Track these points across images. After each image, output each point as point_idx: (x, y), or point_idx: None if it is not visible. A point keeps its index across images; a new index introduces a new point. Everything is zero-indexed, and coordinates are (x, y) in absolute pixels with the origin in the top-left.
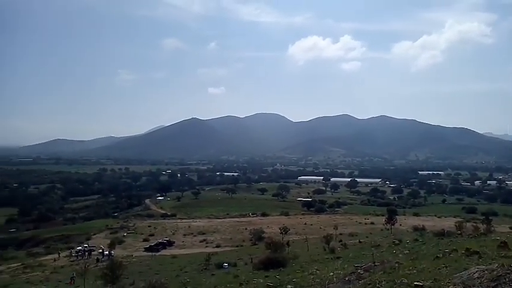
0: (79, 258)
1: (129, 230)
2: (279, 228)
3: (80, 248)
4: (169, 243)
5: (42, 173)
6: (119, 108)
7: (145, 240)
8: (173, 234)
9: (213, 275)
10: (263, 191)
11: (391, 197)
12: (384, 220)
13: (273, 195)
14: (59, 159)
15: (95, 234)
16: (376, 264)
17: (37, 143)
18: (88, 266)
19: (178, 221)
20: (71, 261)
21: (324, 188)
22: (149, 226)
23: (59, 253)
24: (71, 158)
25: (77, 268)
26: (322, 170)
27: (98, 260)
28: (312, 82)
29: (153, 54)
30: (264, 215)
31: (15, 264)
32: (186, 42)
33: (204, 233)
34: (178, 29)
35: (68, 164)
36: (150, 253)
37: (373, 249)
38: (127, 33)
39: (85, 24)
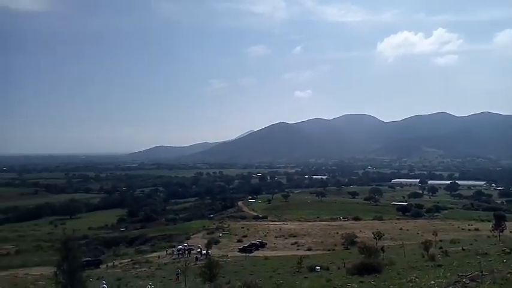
0: (180, 256)
1: (223, 231)
2: (372, 233)
3: (181, 246)
4: (262, 245)
5: (146, 177)
6: (211, 115)
7: (239, 241)
8: (265, 236)
9: (305, 278)
10: (354, 194)
11: (498, 201)
12: (490, 226)
13: (364, 199)
14: (160, 165)
15: (193, 234)
16: (484, 273)
17: (142, 150)
18: (188, 264)
19: (270, 223)
20: (173, 259)
21: (420, 192)
22: (242, 227)
23: (166, 251)
24: (170, 163)
25: (178, 265)
26: (418, 172)
27: (196, 258)
28: (404, 79)
29: (241, 63)
30: (355, 219)
31: (126, 260)
32: (271, 48)
33: (295, 236)
34: (263, 37)
35: (168, 169)
36: (244, 254)
37: (479, 257)
38: (216, 44)
39: (182, 40)
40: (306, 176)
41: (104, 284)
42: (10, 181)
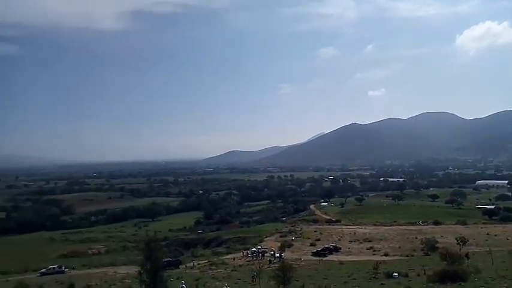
0: (254, 258)
1: (296, 234)
2: (455, 238)
3: (255, 249)
4: (336, 249)
5: (221, 181)
6: (282, 119)
7: (312, 244)
8: (339, 240)
9: (382, 284)
10: (434, 197)
11: None
12: None
13: (446, 202)
14: (234, 169)
15: (266, 237)
16: None
17: (216, 155)
18: (262, 266)
19: (343, 227)
20: (247, 261)
21: (509, 194)
22: (315, 231)
23: (242, 252)
24: (243, 167)
25: (252, 268)
26: (506, 172)
27: (270, 261)
28: (488, 73)
29: (311, 65)
30: (436, 223)
31: (203, 262)
32: (341, 49)
33: (370, 240)
34: (334, 37)
35: (241, 173)
36: (318, 258)
37: None
38: (286, 49)
39: (251, 47)
40: (381, 179)
41: (183, 283)
42: (100, 186)
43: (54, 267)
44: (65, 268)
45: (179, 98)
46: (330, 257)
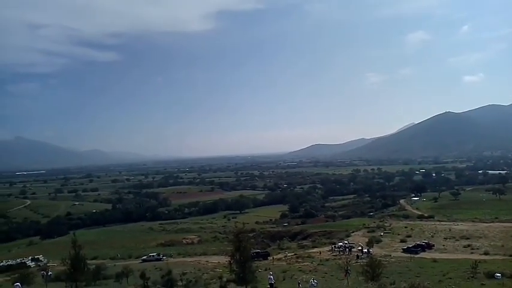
0: (340, 253)
1: (385, 230)
2: None
3: (341, 244)
4: (429, 246)
5: (305, 174)
6: (368, 110)
7: (402, 241)
8: (432, 236)
9: (483, 284)
10: None
11: None
12: None
13: None
14: (318, 162)
15: (353, 232)
16: None
17: (300, 148)
18: (349, 261)
19: (437, 223)
20: (334, 255)
21: None
22: (405, 227)
23: (332, 247)
24: (327, 161)
25: (339, 262)
26: None
27: (357, 256)
28: None
29: (398, 53)
30: None
31: (290, 254)
32: (432, 33)
33: (468, 238)
34: (423, 20)
35: (325, 166)
36: (409, 254)
37: None
38: (371, 37)
39: (336, 37)
40: (480, 171)
41: (271, 274)
42: (192, 180)
43: (153, 255)
44: (162, 256)
45: (263, 93)
46: (422, 255)
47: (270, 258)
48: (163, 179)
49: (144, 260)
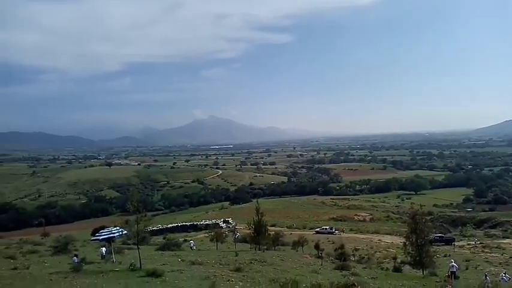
0: None
1: None
2: None
3: None
4: None
5: (495, 155)
6: None
7: None
8: None
9: None
10: None
11: None
12: None
13: None
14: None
15: None
16: None
17: (489, 125)
18: None
19: None
20: None
21: None
22: None
23: None
24: None
25: None
26: None
27: None
28: None
29: None
30: None
31: (473, 242)
32: None
33: None
34: None
35: None
36: None
37: None
38: None
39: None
40: None
41: (452, 262)
42: (363, 157)
43: (326, 228)
44: (335, 230)
45: (446, 65)
46: None
47: (454, 244)
48: (334, 155)
49: (317, 232)
